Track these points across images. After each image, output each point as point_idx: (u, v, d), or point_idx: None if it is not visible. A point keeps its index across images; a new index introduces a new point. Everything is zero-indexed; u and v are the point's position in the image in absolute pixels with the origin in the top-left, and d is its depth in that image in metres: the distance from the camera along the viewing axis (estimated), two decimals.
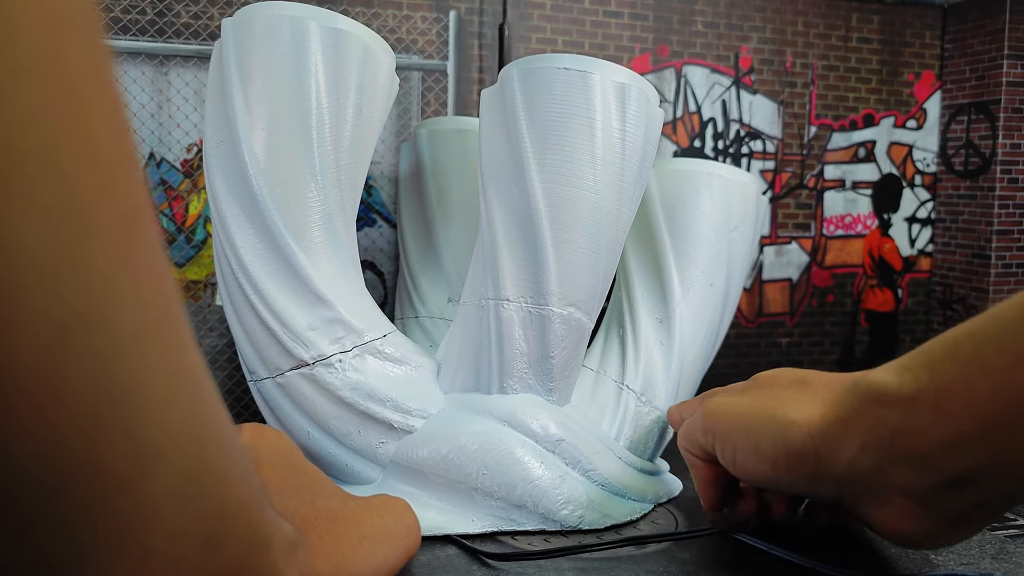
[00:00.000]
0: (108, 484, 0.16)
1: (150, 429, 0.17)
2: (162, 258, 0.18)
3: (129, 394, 0.16)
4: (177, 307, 0.18)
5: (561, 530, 0.53)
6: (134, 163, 0.17)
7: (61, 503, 0.15)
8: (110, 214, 0.16)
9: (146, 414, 0.16)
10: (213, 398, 0.20)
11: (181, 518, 0.18)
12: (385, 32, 0.82)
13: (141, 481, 0.16)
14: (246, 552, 0.21)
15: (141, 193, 0.17)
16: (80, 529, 0.15)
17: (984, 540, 0.51)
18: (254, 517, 0.21)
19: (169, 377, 0.17)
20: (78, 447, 0.15)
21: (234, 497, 0.20)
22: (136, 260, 0.16)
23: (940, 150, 1.03)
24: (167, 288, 0.18)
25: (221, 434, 0.19)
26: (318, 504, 0.33)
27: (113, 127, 0.16)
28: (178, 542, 0.17)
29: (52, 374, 0.14)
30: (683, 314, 0.64)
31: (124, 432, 0.16)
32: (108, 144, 0.16)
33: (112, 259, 0.16)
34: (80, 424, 0.15)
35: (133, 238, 0.16)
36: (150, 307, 0.17)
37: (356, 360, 0.57)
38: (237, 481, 0.20)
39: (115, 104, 0.16)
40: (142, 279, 0.16)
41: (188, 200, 0.78)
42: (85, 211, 0.15)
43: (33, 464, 0.14)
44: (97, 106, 0.15)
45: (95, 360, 0.15)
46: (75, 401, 0.15)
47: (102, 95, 0.16)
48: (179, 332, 0.18)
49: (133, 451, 0.16)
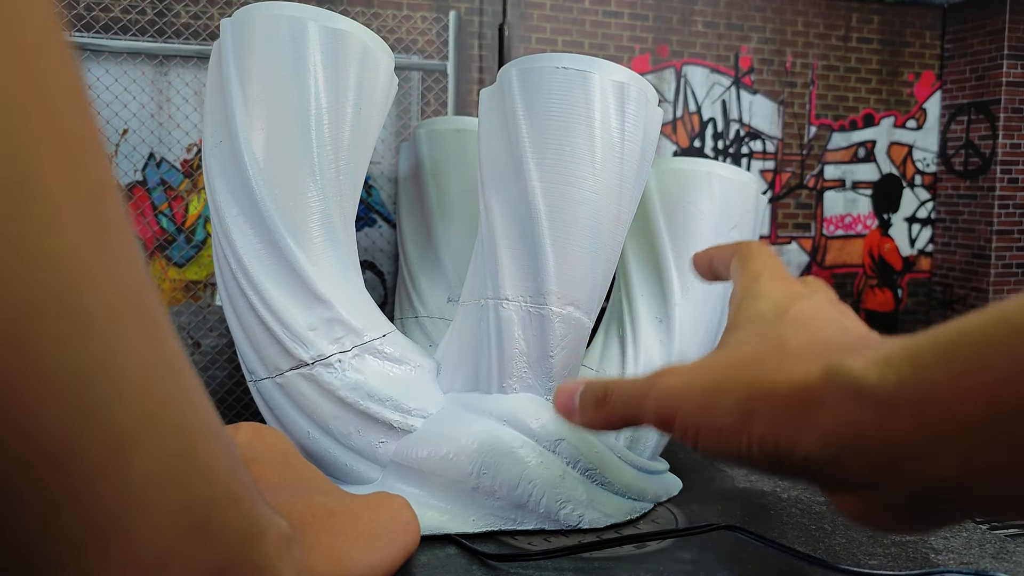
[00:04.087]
0: (89, 468, 0.16)
1: (129, 412, 0.16)
2: (133, 244, 0.18)
3: (105, 376, 0.16)
4: (152, 294, 0.18)
5: (561, 529, 0.53)
6: (98, 143, 0.17)
7: (43, 488, 0.15)
8: (76, 194, 0.16)
9: (124, 397, 0.16)
10: (195, 388, 0.19)
11: (166, 506, 0.17)
12: (385, 32, 0.82)
13: (123, 466, 0.16)
14: (238, 545, 0.21)
15: (107, 174, 0.17)
16: (64, 516, 0.15)
17: (984, 540, 0.51)
18: (245, 510, 0.21)
19: (145, 361, 0.17)
20: (55, 429, 0.15)
21: (221, 488, 0.20)
22: (106, 241, 0.16)
23: (940, 150, 1.02)
24: (139, 273, 0.17)
25: (205, 425, 0.19)
26: (315, 501, 0.33)
27: (74, 107, 0.16)
28: (165, 531, 0.17)
29: (23, 353, 0.14)
30: (683, 313, 0.64)
31: (101, 415, 0.16)
32: (70, 124, 0.16)
33: (81, 239, 0.15)
34: (55, 406, 0.15)
35: (102, 219, 0.16)
36: (122, 289, 0.17)
37: (356, 360, 0.57)
38: (224, 472, 0.20)
39: (75, 84, 0.16)
40: (113, 260, 0.16)
41: (188, 200, 0.78)
42: (50, 190, 0.15)
43: (11, 447, 0.14)
44: (56, 86, 0.15)
45: (68, 340, 0.15)
46: (48, 381, 0.15)
47: (61, 74, 0.16)
48: (154, 318, 0.18)
49: (112, 435, 0.16)
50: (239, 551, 0.21)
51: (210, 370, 0.78)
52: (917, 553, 0.48)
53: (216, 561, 0.19)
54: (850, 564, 0.46)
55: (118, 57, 0.75)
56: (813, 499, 0.58)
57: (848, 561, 0.47)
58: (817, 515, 0.55)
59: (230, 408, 0.78)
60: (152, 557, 0.17)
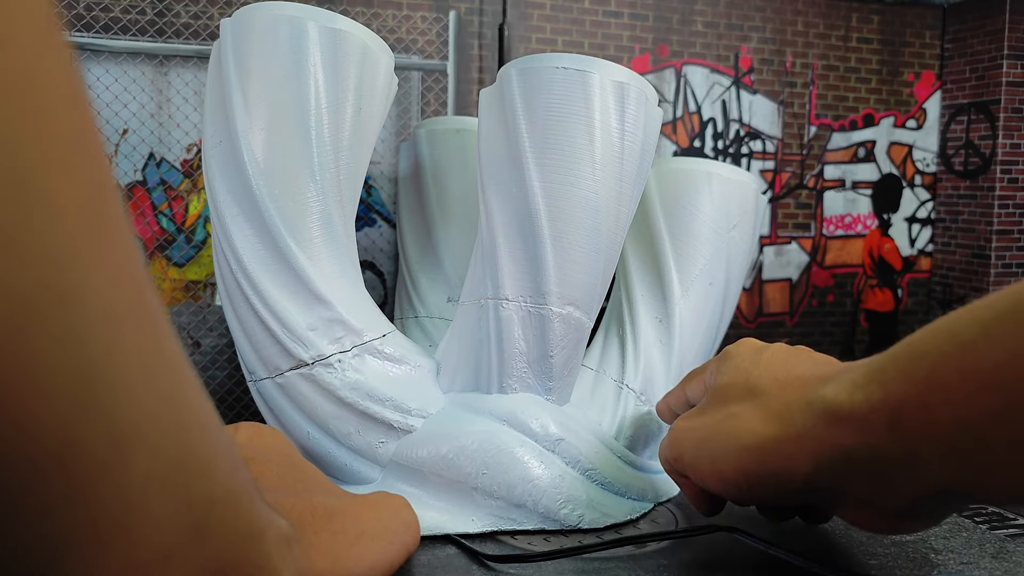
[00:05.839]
0: (89, 467, 0.16)
1: (129, 411, 0.16)
2: (133, 243, 0.18)
3: (104, 374, 0.16)
4: (151, 293, 0.18)
5: (561, 529, 0.53)
6: (97, 142, 0.17)
7: (43, 487, 0.15)
8: (76, 193, 0.15)
9: (123, 395, 0.16)
10: (194, 388, 0.19)
11: (166, 505, 0.17)
12: (385, 32, 0.82)
13: (123, 465, 0.16)
14: (238, 544, 0.20)
15: (106, 173, 0.17)
16: (64, 514, 0.15)
17: (984, 539, 0.51)
18: (244, 509, 0.21)
19: (145, 359, 0.17)
20: (54, 428, 0.15)
21: (221, 487, 0.20)
22: (106, 240, 0.16)
23: (940, 150, 1.03)
24: (139, 272, 0.17)
25: (204, 423, 0.19)
26: (315, 501, 0.32)
27: (73, 106, 0.16)
28: (165, 530, 0.17)
29: (22, 352, 0.14)
30: (683, 313, 0.64)
31: (101, 413, 0.16)
32: (69, 123, 0.16)
33: (80, 238, 0.15)
34: (55, 404, 0.15)
35: (101, 218, 0.16)
36: (122, 288, 0.17)
37: (355, 360, 0.57)
38: (224, 471, 0.20)
39: (73, 83, 0.16)
40: (112, 260, 0.16)
41: (188, 200, 0.78)
42: (49, 189, 0.15)
43: (10, 446, 0.14)
44: (55, 85, 0.15)
45: (67, 339, 0.15)
46: (48, 380, 0.15)
47: (59, 74, 0.16)
48: (154, 317, 0.18)
49: (112, 433, 0.16)
50: (239, 550, 0.21)
51: (210, 370, 0.78)
52: (917, 553, 0.48)
53: (216, 560, 0.19)
54: (849, 568, 0.46)
55: (118, 57, 0.75)
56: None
57: (848, 562, 0.47)
58: None
59: (230, 408, 0.78)
60: (152, 556, 0.17)
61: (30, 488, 0.15)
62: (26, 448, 0.15)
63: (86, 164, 0.16)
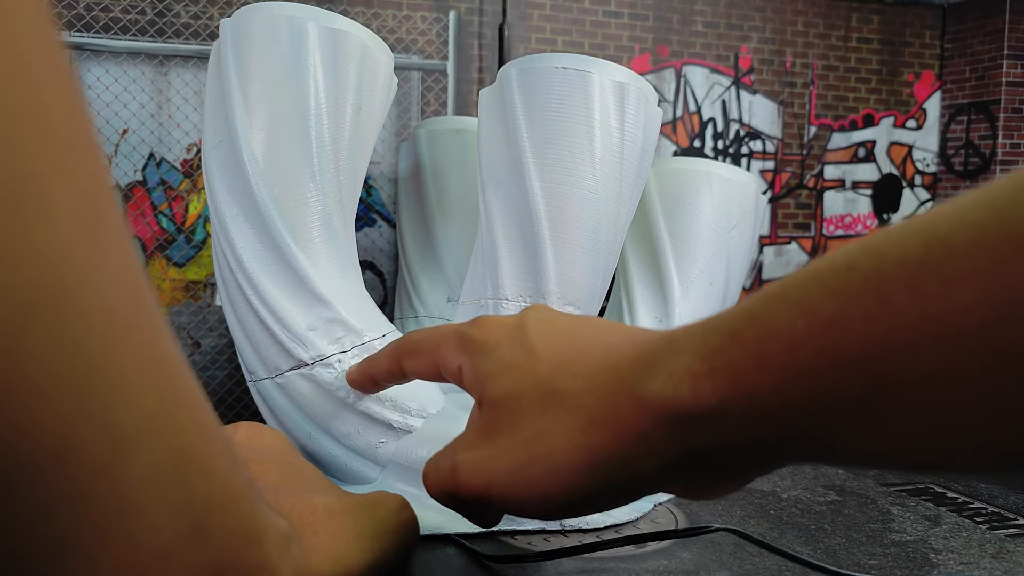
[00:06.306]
0: (87, 468, 0.16)
1: (127, 411, 0.16)
2: (129, 243, 0.18)
3: (102, 374, 0.16)
4: (148, 294, 0.18)
5: (561, 529, 0.53)
6: (93, 143, 0.17)
7: (41, 487, 0.15)
8: (71, 192, 0.16)
9: (121, 396, 0.16)
10: (192, 388, 0.19)
11: (165, 506, 0.17)
12: (385, 32, 0.82)
13: (120, 466, 0.16)
14: (237, 545, 0.20)
15: (102, 174, 0.17)
16: (62, 515, 0.15)
17: (984, 539, 0.51)
18: (244, 510, 0.21)
19: (143, 360, 0.17)
20: (52, 428, 0.15)
21: (220, 487, 0.20)
22: (102, 240, 0.16)
23: (940, 150, 1.03)
24: (136, 273, 0.17)
25: (203, 424, 0.19)
26: (314, 500, 0.32)
27: (68, 106, 0.16)
28: (163, 532, 0.17)
29: (19, 353, 0.14)
30: (683, 313, 0.64)
31: (99, 413, 0.16)
32: (64, 123, 0.16)
33: (77, 238, 0.15)
34: (52, 405, 0.15)
35: (97, 218, 0.16)
36: (119, 288, 0.17)
37: (355, 360, 0.57)
38: (223, 472, 0.20)
39: (69, 84, 0.16)
40: (109, 260, 0.16)
41: (188, 200, 0.78)
42: (45, 189, 0.15)
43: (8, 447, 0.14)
44: (50, 85, 0.15)
45: (64, 339, 0.15)
46: (45, 381, 0.15)
47: (54, 75, 0.16)
48: (151, 317, 0.18)
49: (110, 433, 0.16)
50: (238, 550, 0.21)
51: (210, 370, 0.78)
52: (917, 553, 0.48)
53: (215, 560, 0.19)
54: (850, 566, 0.46)
55: (118, 57, 0.75)
56: (813, 499, 0.58)
57: (848, 562, 0.47)
58: (817, 515, 0.55)
59: (230, 408, 0.78)
60: (151, 556, 0.17)
61: (29, 488, 0.15)
62: (24, 448, 0.15)
63: (82, 165, 0.16)
